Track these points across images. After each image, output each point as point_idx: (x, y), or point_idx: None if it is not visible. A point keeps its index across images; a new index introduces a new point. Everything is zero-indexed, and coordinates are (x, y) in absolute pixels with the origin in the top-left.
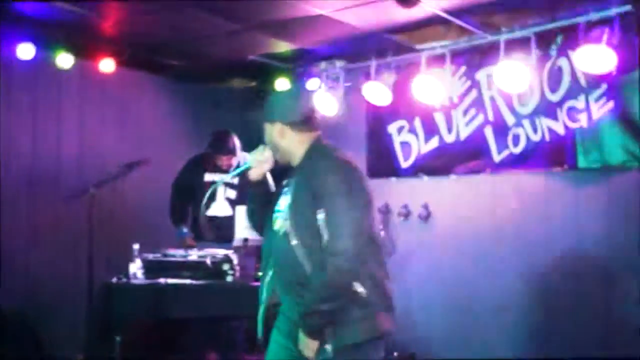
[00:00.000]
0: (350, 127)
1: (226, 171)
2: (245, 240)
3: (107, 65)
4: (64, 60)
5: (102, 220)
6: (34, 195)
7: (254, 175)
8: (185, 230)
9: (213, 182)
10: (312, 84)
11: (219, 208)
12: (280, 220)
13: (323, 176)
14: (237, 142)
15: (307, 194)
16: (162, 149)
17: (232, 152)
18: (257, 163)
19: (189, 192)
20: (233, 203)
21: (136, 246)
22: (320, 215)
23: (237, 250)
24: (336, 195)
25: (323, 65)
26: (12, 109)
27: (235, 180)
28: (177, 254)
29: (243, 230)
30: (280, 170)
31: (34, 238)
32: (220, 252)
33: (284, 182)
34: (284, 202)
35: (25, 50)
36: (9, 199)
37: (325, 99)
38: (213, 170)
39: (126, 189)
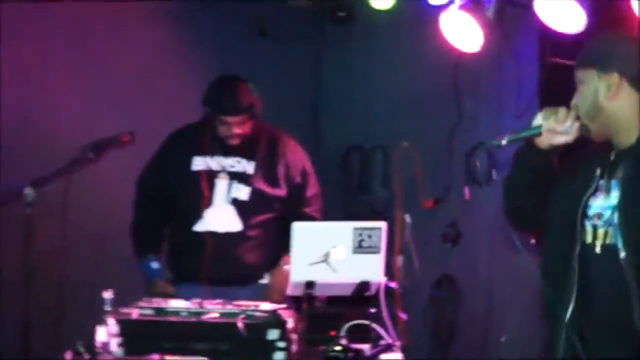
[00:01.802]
0: (507, 75)
1: (232, 149)
2: (310, 285)
3: None
4: None
5: (46, 246)
6: None
7: (543, 143)
8: (156, 265)
9: (210, 172)
10: None
11: (218, 218)
12: (602, 230)
13: None
14: (253, 93)
15: None
16: (158, 116)
17: (242, 109)
18: (550, 132)
19: (164, 196)
20: (245, 209)
21: (108, 294)
22: None
23: (293, 303)
24: None
25: None
26: None
27: (251, 169)
28: (183, 309)
29: (306, 267)
30: None
31: None
32: (263, 306)
33: (595, 172)
34: (600, 201)
35: None
36: None
37: (458, 23)
38: (210, 150)
39: (91, 188)
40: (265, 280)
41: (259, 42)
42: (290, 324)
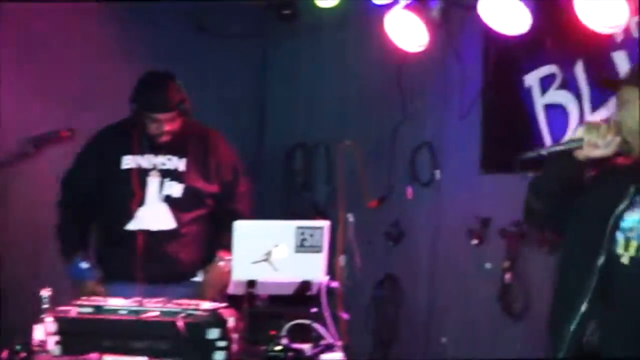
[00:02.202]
0: (451, 75)
1: (163, 147)
2: (252, 284)
3: None
4: None
5: None
6: None
7: (580, 155)
8: (85, 265)
9: (141, 170)
10: None
11: (151, 216)
12: (635, 242)
13: None
14: (182, 90)
15: None
16: (101, 114)
17: (173, 106)
18: (591, 146)
19: (92, 195)
20: (178, 207)
21: (46, 292)
22: None
23: (234, 302)
24: None
25: None
26: None
27: (182, 166)
28: (122, 307)
29: (247, 265)
30: None
31: None
32: (204, 305)
33: (629, 186)
34: (635, 215)
35: None
36: None
37: (403, 22)
38: (140, 149)
39: (29, 185)
40: (199, 277)
41: (204, 40)
42: (230, 323)
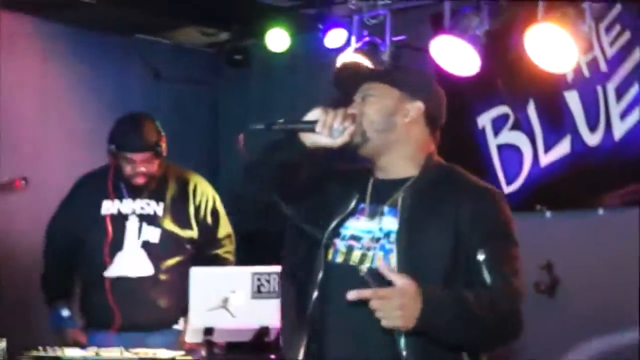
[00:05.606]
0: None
1: (141, 191)
2: (209, 332)
3: None
4: None
5: None
6: None
7: (308, 141)
8: (66, 313)
9: (119, 216)
10: (334, 38)
11: (129, 262)
12: (359, 252)
13: (484, 210)
14: (159, 131)
15: (442, 225)
16: (57, 160)
17: (147, 146)
18: (326, 129)
19: (73, 243)
20: (156, 252)
21: (1, 344)
22: (481, 257)
23: (192, 350)
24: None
25: (354, 3)
26: None
27: (160, 210)
28: (79, 358)
29: (204, 312)
30: None
31: None
32: (162, 354)
33: (352, 194)
34: (361, 224)
35: None
36: None
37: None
38: (118, 194)
39: None
40: (179, 325)
41: (157, 86)
42: None
